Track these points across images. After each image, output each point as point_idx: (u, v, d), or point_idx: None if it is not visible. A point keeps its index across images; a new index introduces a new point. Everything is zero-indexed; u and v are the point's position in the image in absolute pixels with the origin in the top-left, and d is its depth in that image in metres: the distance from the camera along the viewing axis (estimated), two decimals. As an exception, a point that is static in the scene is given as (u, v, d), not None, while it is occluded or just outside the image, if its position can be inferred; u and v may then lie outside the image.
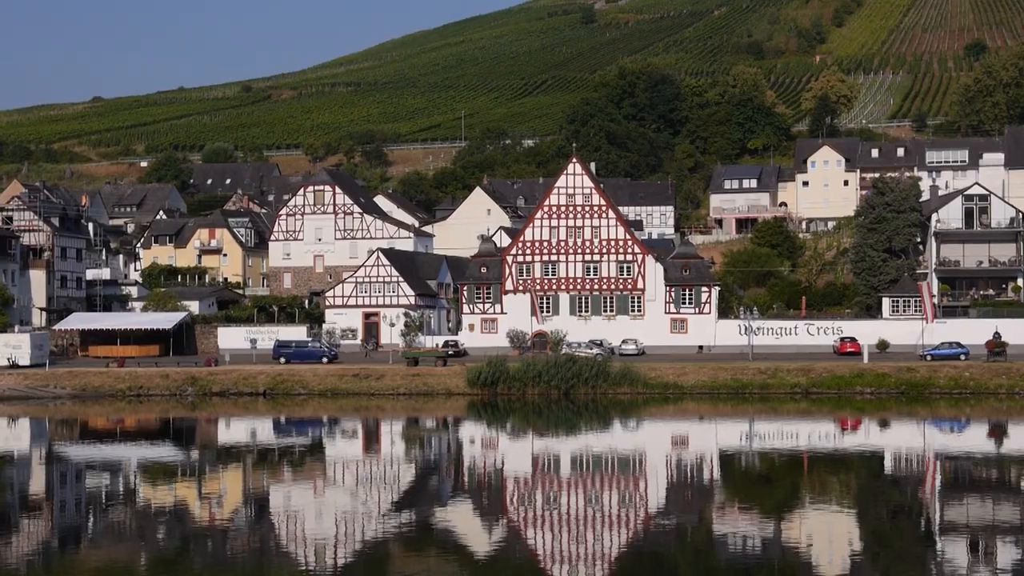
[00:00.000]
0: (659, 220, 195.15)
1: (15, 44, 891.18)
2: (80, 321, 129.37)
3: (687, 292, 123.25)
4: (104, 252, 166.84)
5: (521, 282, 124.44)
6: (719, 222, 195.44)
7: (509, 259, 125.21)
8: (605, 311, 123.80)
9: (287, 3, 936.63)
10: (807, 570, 41.65)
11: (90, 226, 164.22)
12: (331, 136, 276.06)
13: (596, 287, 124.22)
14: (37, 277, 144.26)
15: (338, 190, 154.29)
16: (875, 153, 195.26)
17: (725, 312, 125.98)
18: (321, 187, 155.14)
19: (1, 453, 78.89)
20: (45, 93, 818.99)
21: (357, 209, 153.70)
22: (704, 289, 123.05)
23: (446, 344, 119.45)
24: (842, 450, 74.04)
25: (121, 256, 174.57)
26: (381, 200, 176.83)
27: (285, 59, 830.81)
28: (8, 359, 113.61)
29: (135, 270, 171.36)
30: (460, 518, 51.64)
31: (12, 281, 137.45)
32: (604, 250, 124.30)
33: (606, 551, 44.69)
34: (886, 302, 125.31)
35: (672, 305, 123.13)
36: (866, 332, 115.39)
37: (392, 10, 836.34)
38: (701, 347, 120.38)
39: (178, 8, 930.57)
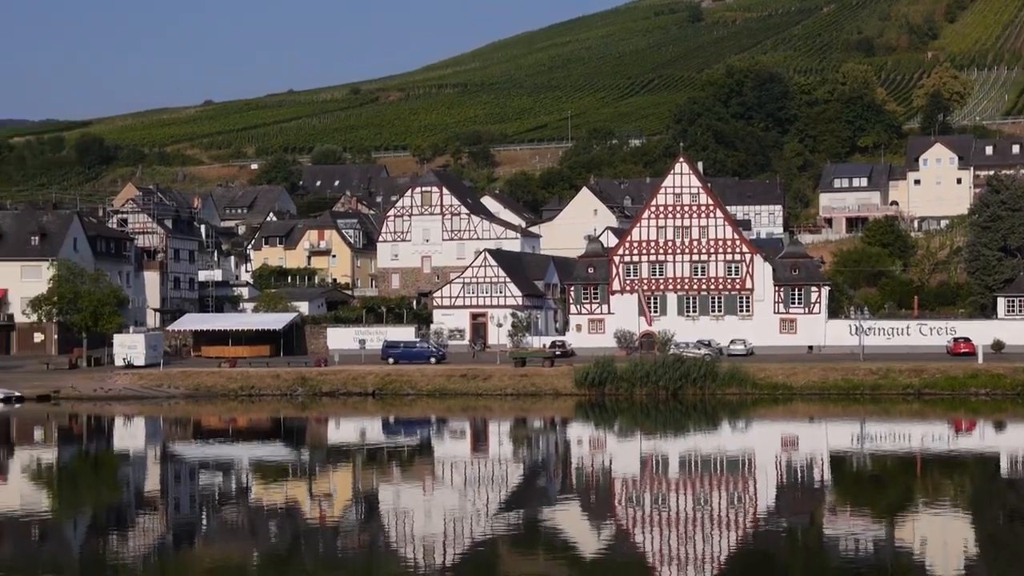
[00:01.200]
0: (767, 219, 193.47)
1: (130, 50, 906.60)
2: (193, 322, 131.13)
3: (796, 292, 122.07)
4: (216, 254, 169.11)
5: (628, 282, 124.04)
6: (829, 221, 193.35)
7: (616, 259, 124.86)
8: (713, 311, 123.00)
9: (395, 6, 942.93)
10: (920, 573, 41.07)
11: (202, 228, 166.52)
12: (438, 137, 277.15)
13: (704, 287, 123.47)
14: (151, 278, 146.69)
15: (445, 191, 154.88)
16: (989, 151, 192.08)
17: (835, 312, 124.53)
18: (428, 188, 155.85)
19: (117, 452, 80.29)
20: (158, 97, 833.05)
21: (464, 210, 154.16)
22: (814, 289, 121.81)
23: (553, 344, 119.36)
24: (956, 452, 72.93)
25: (232, 257, 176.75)
26: (488, 201, 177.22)
27: (393, 61, 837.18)
28: (124, 359, 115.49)
29: (246, 271, 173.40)
30: (568, 518, 51.59)
31: (127, 282, 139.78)
32: (712, 250, 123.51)
33: (715, 553, 44.40)
34: (1001, 302, 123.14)
35: (781, 305, 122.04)
36: (981, 332, 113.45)
37: (498, 11, 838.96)
38: (811, 347, 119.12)
39: (288, 12, 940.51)
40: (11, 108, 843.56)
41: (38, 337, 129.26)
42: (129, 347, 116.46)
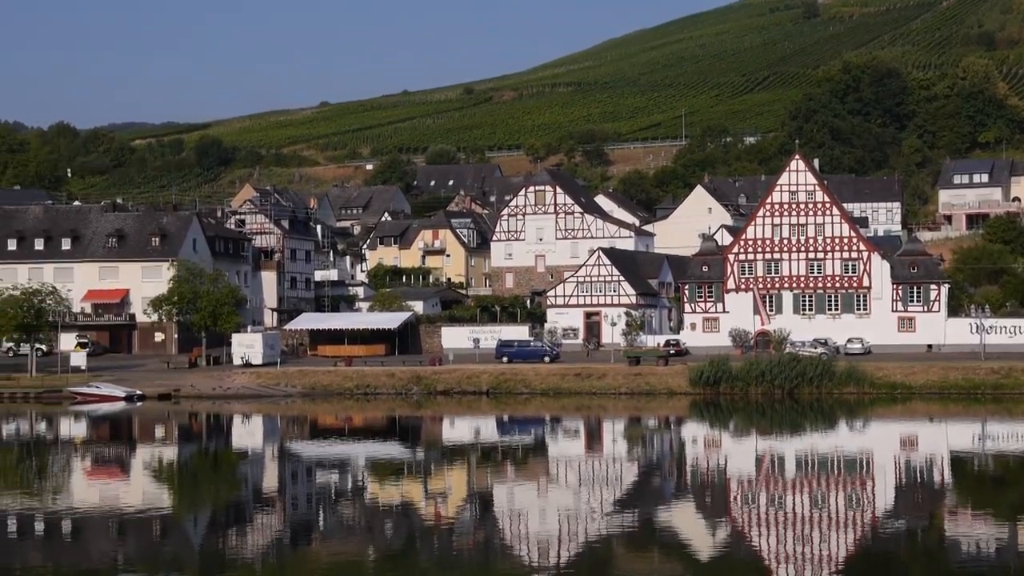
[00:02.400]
0: (885, 217, 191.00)
1: (249, 53, 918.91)
2: (309, 321, 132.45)
3: (915, 290, 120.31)
4: (331, 254, 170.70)
5: (743, 280, 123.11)
6: (948, 218, 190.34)
7: (731, 257, 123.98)
8: (829, 309, 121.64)
9: (508, 5, 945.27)
10: (1044, 577, 40.21)
11: (318, 228, 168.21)
12: (552, 136, 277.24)
13: (820, 285, 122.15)
14: (268, 278, 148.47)
15: (559, 190, 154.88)
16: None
17: (955, 310, 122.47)
18: (542, 187, 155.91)
19: (236, 450, 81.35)
20: (275, 99, 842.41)
21: (578, 209, 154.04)
22: (933, 287, 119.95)
23: (667, 343, 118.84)
24: (1081, 453, 71.38)
25: (348, 257, 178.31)
26: (602, 199, 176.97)
27: (506, 61, 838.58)
28: (242, 358, 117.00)
29: (361, 271, 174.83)
30: (683, 518, 51.31)
31: (245, 282, 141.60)
32: (828, 248, 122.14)
33: (832, 553, 43.86)
34: None
35: (899, 303, 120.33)
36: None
37: (612, 10, 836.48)
38: (930, 346, 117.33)
39: (402, 13, 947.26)
40: (133, 111, 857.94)
41: (159, 336, 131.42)
42: (247, 346, 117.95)
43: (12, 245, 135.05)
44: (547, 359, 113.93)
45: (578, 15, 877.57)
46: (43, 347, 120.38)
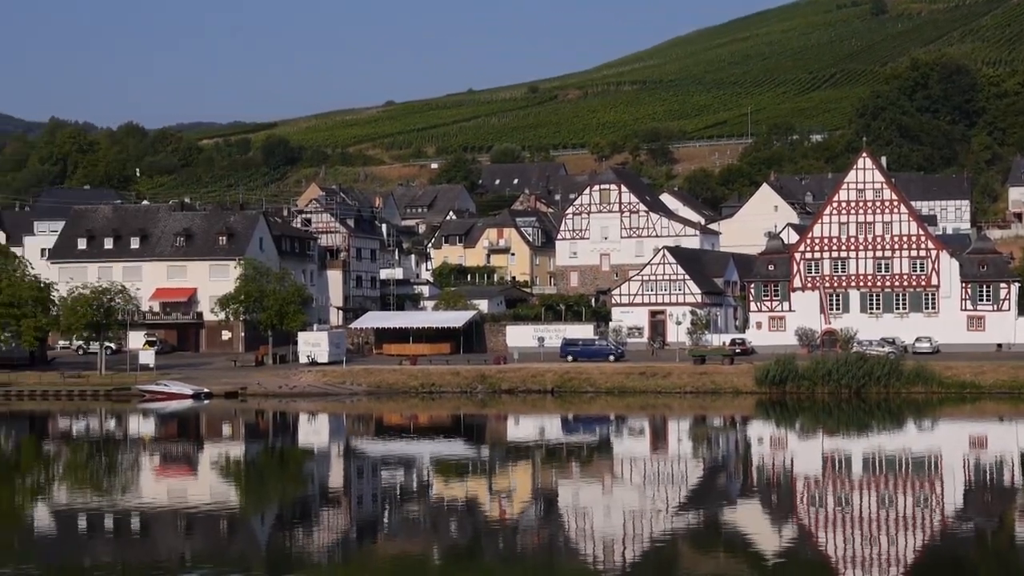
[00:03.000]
0: (954, 215, 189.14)
1: (315, 53, 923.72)
2: (374, 320, 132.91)
3: (984, 288, 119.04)
4: (397, 252, 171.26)
5: (810, 279, 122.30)
6: (1018, 215, 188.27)
7: (797, 256, 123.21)
8: (897, 308, 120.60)
9: (573, 4, 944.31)
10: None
11: (383, 227, 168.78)
12: (617, 135, 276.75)
13: (888, 284, 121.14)
14: (334, 277, 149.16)
15: (624, 188, 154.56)
16: None
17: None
18: (607, 186, 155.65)
19: (302, 447, 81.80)
20: (341, 98, 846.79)
21: (643, 207, 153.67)
22: (1003, 285, 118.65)
23: (733, 342, 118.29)
24: None
25: (413, 256, 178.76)
26: (667, 198, 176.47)
27: (571, 59, 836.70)
28: (308, 357, 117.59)
29: (426, 269, 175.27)
30: (749, 518, 51.04)
31: (311, 281, 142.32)
32: (896, 246, 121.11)
33: (900, 554, 43.47)
34: None
35: (968, 302, 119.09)
36: None
37: (677, 8, 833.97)
38: (1000, 345, 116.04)
39: (467, 11, 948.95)
40: (201, 111, 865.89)
41: (226, 335, 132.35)
42: (313, 345, 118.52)
43: (82, 244, 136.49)
44: (612, 358, 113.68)
45: (644, 14, 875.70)
46: (112, 345, 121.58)
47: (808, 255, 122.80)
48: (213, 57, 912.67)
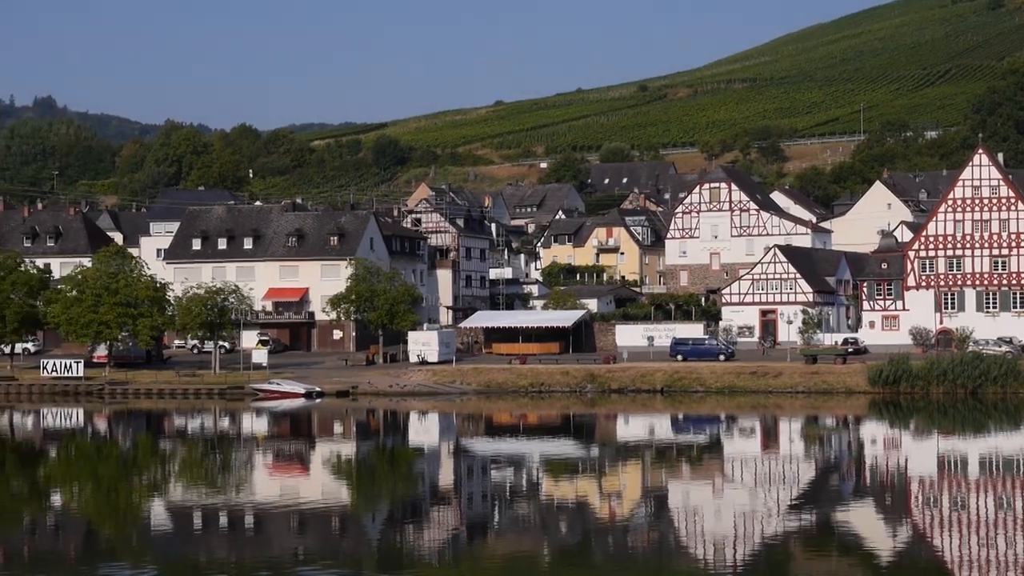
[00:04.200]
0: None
1: (424, 53, 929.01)
2: (484, 319, 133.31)
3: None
4: (506, 252, 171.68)
5: (924, 278, 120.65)
6: None
7: (911, 254, 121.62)
8: (1014, 307, 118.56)
9: (683, 2, 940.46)
10: None
11: (493, 227, 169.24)
12: (726, 133, 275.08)
13: (1005, 282, 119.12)
14: (444, 276, 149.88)
15: (734, 187, 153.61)
16: None
17: None
18: (717, 184, 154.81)
19: (412, 446, 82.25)
20: (450, 99, 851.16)
21: (753, 206, 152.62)
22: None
23: (845, 341, 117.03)
24: None
25: (522, 255, 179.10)
26: (777, 196, 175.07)
27: (681, 57, 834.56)
28: (418, 356, 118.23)
29: (535, 269, 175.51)
30: (862, 519, 50.45)
31: (421, 281, 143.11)
32: (1014, 244, 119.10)
33: (1019, 558, 42.66)
34: None
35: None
36: None
37: (789, 5, 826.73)
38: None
39: (576, 11, 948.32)
40: (312, 112, 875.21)
41: (337, 334, 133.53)
42: (423, 344, 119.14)
43: (197, 245, 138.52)
44: (722, 357, 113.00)
45: (755, 11, 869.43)
46: (226, 344, 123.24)
47: (923, 253, 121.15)
48: (324, 59, 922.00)
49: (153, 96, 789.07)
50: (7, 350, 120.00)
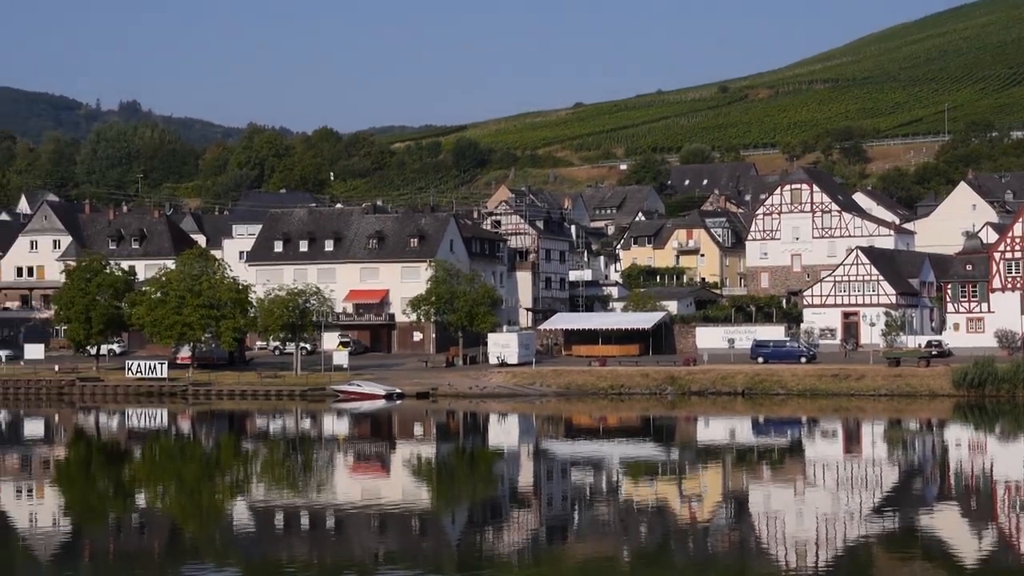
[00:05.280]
0: None
1: (504, 55, 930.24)
2: (563, 321, 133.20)
3: None
4: (586, 254, 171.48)
5: (1010, 279, 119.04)
6: None
7: (997, 255, 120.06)
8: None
9: (764, 2, 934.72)
10: None
11: (572, 228, 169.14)
12: (808, 134, 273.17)
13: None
14: (523, 278, 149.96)
15: (816, 188, 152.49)
16: None
17: None
18: (798, 185, 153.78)
19: (492, 448, 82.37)
20: (530, 101, 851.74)
21: (835, 207, 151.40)
22: None
23: (929, 344, 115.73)
24: None
25: (602, 257, 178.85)
26: (860, 197, 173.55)
27: (762, 58, 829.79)
28: (498, 357, 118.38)
29: (615, 271, 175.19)
30: (946, 523, 49.85)
31: (500, 282, 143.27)
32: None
33: (1107, 564, 41.97)
34: None
35: None
36: None
37: (872, 4, 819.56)
38: None
39: (655, 12, 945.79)
40: (392, 115, 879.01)
41: (417, 336, 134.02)
42: (503, 346, 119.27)
43: (278, 247, 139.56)
44: (803, 360, 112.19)
45: (836, 11, 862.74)
46: (307, 346, 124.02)
47: (1008, 255, 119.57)
48: (404, 62, 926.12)
49: (236, 100, 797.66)
50: (93, 351, 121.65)
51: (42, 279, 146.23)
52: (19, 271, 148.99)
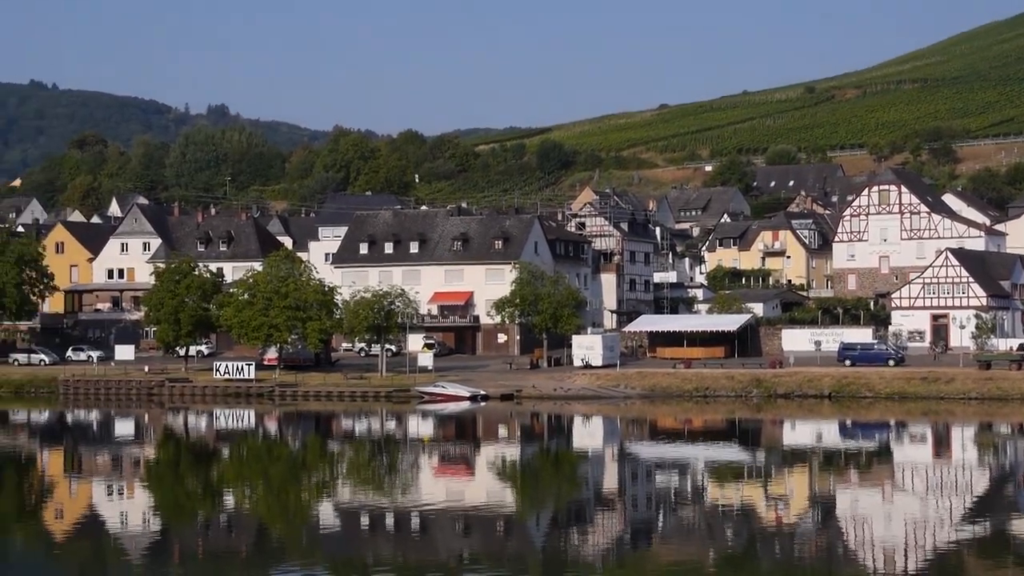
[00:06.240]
0: None
1: (588, 57, 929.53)
2: (648, 323, 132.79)
3: None
4: (670, 255, 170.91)
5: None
6: None
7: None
8: None
9: (851, 3, 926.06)
10: None
11: (657, 230, 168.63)
12: (896, 134, 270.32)
13: None
14: (608, 280, 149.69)
15: (904, 189, 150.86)
16: None
17: None
18: (886, 186, 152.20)
19: (576, 450, 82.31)
20: (614, 102, 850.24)
21: (924, 208, 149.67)
22: None
23: (1021, 347, 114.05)
24: None
25: (687, 259, 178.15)
26: (949, 198, 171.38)
27: (849, 58, 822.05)
28: (582, 360, 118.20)
29: (700, 273, 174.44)
30: (1038, 530, 49.14)
31: (584, 284, 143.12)
32: None
33: None
34: None
35: None
36: None
37: (961, 3, 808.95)
38: None
39: (741, 12, 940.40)
40: (477, 117, 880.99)
41: (501, 338, 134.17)
42: (587, 348, 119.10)
43: (364, 249, 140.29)
44: (891, 362, 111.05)
45: (925, 10, 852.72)
46: (392, 348, 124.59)
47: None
48: (489, 64, 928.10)
49: (322, 103, 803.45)
50: (182, 352, 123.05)
51: (132, 281, 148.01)
52: (110, 273, 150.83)
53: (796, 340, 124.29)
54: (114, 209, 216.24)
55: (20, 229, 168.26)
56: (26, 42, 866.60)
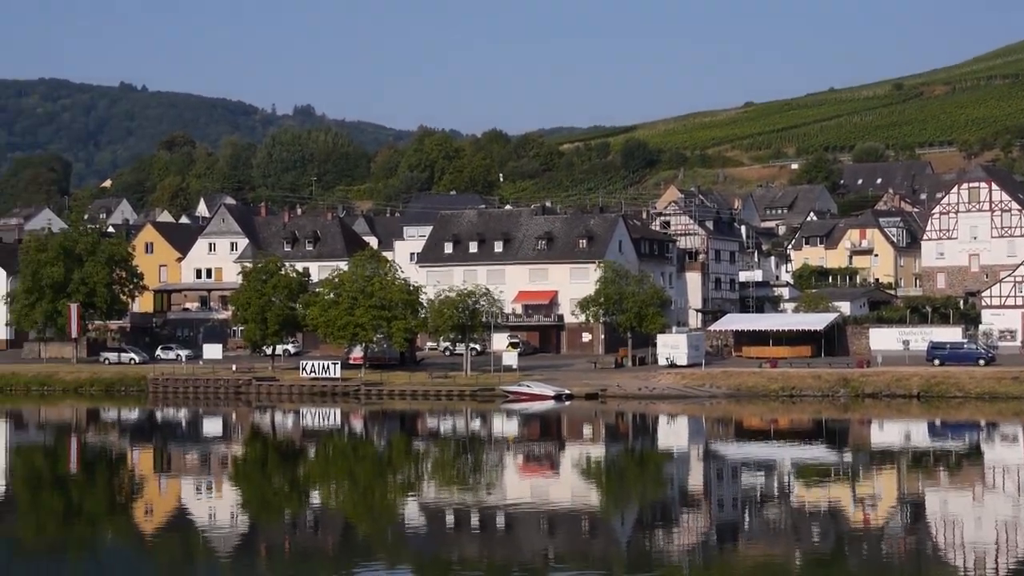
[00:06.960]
0: None
1: (673, 55, 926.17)
2: (733, 322, 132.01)
3: None
4: (756, 254, 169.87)
5: None
6: None
7: None
8: None
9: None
10: None
11: (742, 229, 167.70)
12: (986, 131, 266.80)
13: None
14: (692, 279, 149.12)
15: (994, 187, 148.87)
16: None
17: None
18: (976, 184, 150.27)
19: (661, 449, 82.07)
20: (699, 100, 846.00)
21: (1015, 206, 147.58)
22: None
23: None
24: None
25: (772, 258, 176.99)
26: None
27: (938, 54, 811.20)
28: (667, 359, 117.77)
29: (786, 271, 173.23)
30: None
31: (669, 283, 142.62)
32: None
33: None
34: None
35: None
36: None
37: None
38: None
39: (828, 9, 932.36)
40: (561, 116, 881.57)
41: (586, 337, 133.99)
42: (672, 347, 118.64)
43: (448, 248, 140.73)
44: (982, 362, 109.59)
45: (1015, 4, 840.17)
46: (477, 347, 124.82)
47: None
48: (573, 62, 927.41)
49: (406, 103, 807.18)
50: (269, 351, 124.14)
51: (220, 281, 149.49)
52: (198, 273, 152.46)
53: (884, 339, 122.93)
54: (202, 209, 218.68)
55: (110, 230, 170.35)
56: (116, 45, 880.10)
